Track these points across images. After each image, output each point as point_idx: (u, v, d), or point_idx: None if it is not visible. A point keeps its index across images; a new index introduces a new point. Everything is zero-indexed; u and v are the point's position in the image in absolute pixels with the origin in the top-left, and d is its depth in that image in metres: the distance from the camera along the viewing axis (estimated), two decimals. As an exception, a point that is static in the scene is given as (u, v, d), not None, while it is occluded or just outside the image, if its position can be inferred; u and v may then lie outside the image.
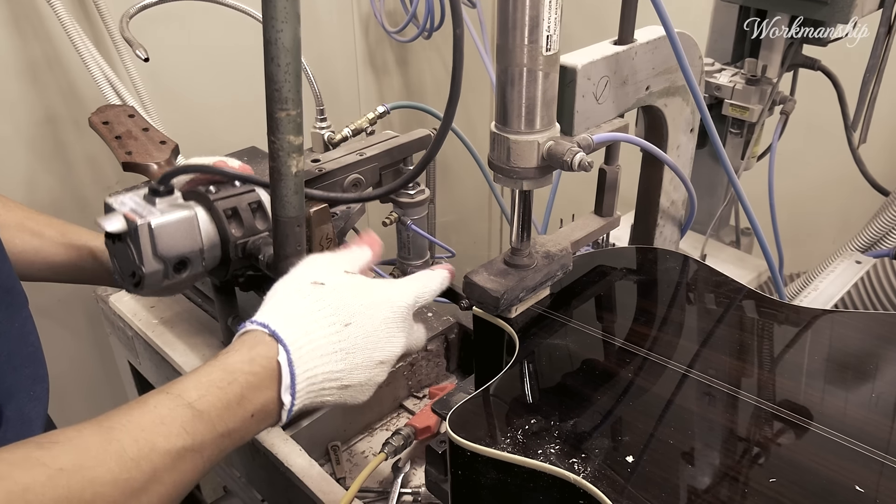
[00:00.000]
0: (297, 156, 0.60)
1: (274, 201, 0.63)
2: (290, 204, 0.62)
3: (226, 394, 0.50)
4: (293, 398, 0.53)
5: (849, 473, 0.51)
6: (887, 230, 1.12)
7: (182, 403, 0.48)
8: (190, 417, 0.48)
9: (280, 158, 0.60)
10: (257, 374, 0.52)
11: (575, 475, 0.52)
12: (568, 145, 0.60)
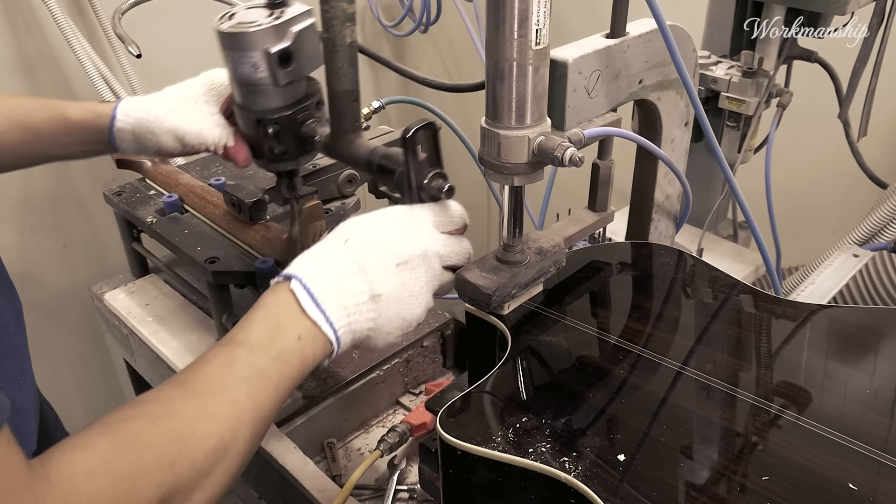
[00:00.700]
0: (350, 25, 0.58)
1: (329, 75, 0.61)
2: (345, 76, 0.60)
3: (265, 326, 0.55)
4: (324, 313, 0.56)
5: (842, 471, 0.51)
6: (885, 223, 1.12)
7: (235, 345, 0.54)
8: (246, 353, 0.54)
9: (334, 28, 0.58)
10: (284, 304, 0.57)
11: (566, 474, 0.51)
12: (559, 140, 0.59)
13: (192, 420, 0.49)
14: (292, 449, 0.82)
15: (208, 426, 0.49)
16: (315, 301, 0.56)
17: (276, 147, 0.71)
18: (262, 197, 0.96)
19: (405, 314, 0.61)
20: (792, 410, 0.57)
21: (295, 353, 0.55)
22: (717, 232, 1.28)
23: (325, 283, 0.57)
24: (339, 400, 0.91)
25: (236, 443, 0.50)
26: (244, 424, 0.51)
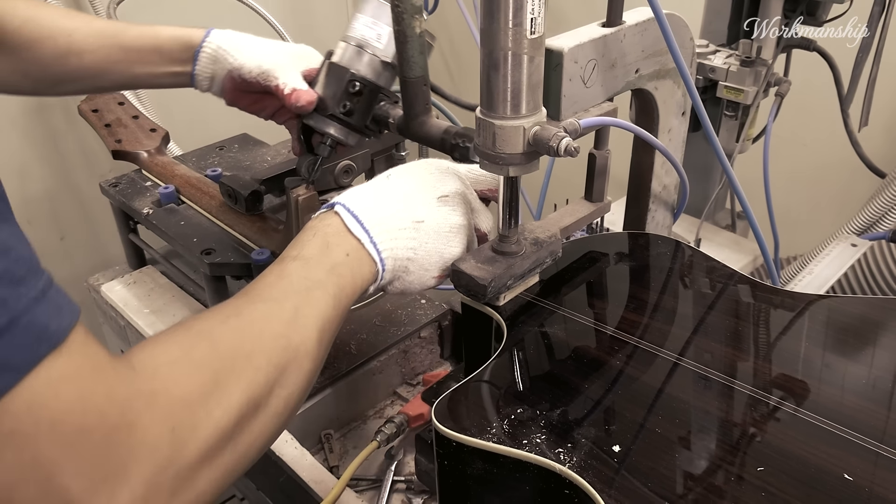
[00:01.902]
0: (419, 17, 0.63)
1: (401, 63, 0.66)
2: (416, 64, 0.65)
3: (315, 244, 0.58)
4: (368, 233, 0.59)
5: (838, 462, 0.51)
6: (884, 212, 1.11)
7: (289, 260, 0.56)
8: (301, 265, 0.56)
9: (405, 21, 0.63)
10: (331, 225, 0.60)
11: (561, 465, 0.51)
12: (554, 130, 0.59)
13: (260, 321, 0.50)
14: (289, 440, 0.82)
15: (276, 327, 0.50)
16: (360, 222, 0.60)
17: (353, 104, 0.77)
18: (259, 188, 0.96)
19: (443, 249, 0.64)
20: (789, 401, 0.57)
21: (346, 269, 0.58)
22: (715, 222, 1.28)
23: (369, 207, 0.61)
24: (337, 391, 0.91)
25: (304, 345, 0.51)
26: (309, 329, 0.52)
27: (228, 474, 0.44)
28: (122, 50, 0.79)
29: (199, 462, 0.41)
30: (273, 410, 0.48)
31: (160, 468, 0.38)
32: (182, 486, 0.39)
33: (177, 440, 0.39)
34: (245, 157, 1.22)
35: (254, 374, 0.46)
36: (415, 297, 1.03)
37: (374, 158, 0.96)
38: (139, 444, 0.38)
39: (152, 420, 0.39)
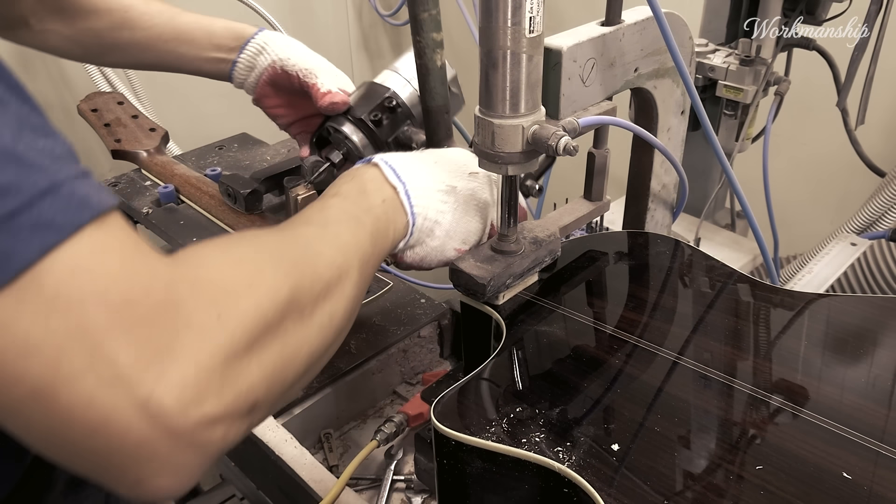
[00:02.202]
0: (440, 50, 0.67)
1: (423, 94, 0.70)
2: (438, 94, 0.70)
3: (353, 186, 0.61)
4: (405, 185, 0.61)
5: (837, 460, 0.51)
6: (883, 211, 1.11)
7: (328, 197, 0.59)
8: (339, 201, 0.58)
9: (426, 55, 0.67)
10: (368, 172, 0.62)
11: (560, 464, 0.51)
12: (553, 129, 0.59)
13: (305, 237, 0.52)
14: (289, 439, 0.82)
15: (321, 245, 0.51)
16: (397, 174, 0.62)
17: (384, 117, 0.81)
18: (258, 187, 0.96)
19: (469, 221, 0.66)
20: (788, 400, 0.57)
21: (382, 213, 0.60)
22: (714, 221, 1.28)
23: (406, 164, 0.63)
24: (336, 390, 0.91)
25: (348, 270, 0.51)
26: (350, 256, 0.53)
27: (277, 376, 0.42)
28: (174, 30, 0.82)
29: (246, 351, 0.39)
30: (318, 322, 0.47)
31: (209, 352, 0.37)
32: (232, 374, 0.38)
33: (224, 326, 0.38)
34: (244, 156, 1.22)
35: (298, 277, 0.46)
36: (414, 296, 1.03)
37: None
38: (186, 325, 0.37)
39: (197, 304, 0.38)
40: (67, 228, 0.34)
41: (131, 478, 0.36)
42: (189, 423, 0.36)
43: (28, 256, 0.32)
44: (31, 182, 0.33)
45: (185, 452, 0.36)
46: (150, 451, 0.35)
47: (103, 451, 0.35)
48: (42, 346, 0.33)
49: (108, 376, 0.34)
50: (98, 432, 0.34)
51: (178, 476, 0.37)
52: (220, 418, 0.37)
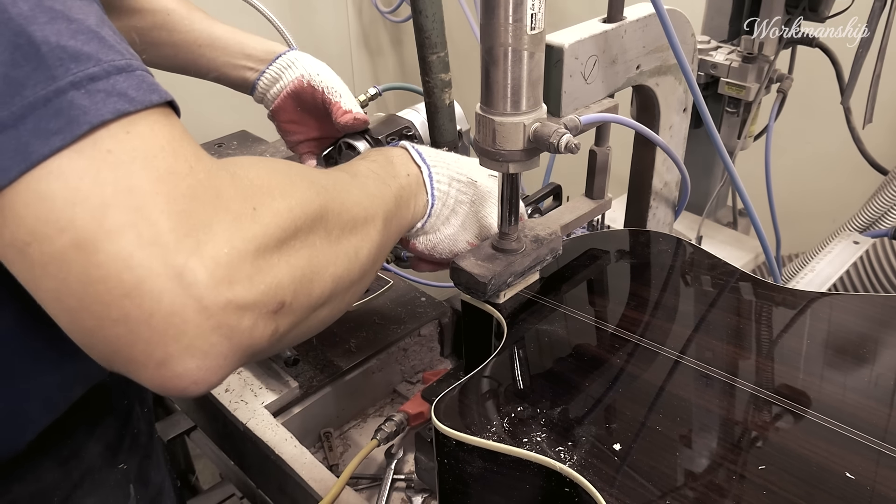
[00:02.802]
0: (448, 90, 0.70)
1: (433, 131, 0.73)
2: (447, 131, 0.73)
3: (381, 157, 0.63)
4: (430, 168, 0.64)
5: (840, 460, 0.51)
6: (886, 210, 1.11)
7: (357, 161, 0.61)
8: (368, 163, 0.61)
9: (435, 94, 0.70)
10: (397, 150, 0.65)
11: (561, 464, 0.51)
12: (554, 127, 0.58)
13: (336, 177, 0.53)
14: (289, 439, 0.82)
15: (350, 187, 0.53)
16: (423, 157, 0.65)
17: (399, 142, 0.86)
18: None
19: (484, 219, 0.68)
20: (790, 399, 0.56)
21: (406, 184, 0.62)
22: (716, 219, 1.27)
23: (432, 153, 0.66)
24: (336, 389, 0.91)
25: (375, 217, 0.54)
26: (377, 206, 0.55)
27: (304, 284, 0.43)
28: (209, 36, 0.86)
29: (277, 247, 0.41)
30: (344, 249, 0.48)
31: (243, 237, 0.39)
32: (264, 265, 0.40)
33: (258, 218, 0.40)
34: (244, 154, 1.22)
35: (329, 200, 0.48)
36: (415, 294, 1.02)
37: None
38: (224, 209, 0.39)
39: (235, 194, 0.40)
40: (139, 102, 0.37)
41: (158, 355, 0.37)
42: (220, 301, 0.37)
43: (102, 116, 0.36)
44: (110, 58, 0.37)
45: (214, 333, 0.37)
46: (181, 323, 0.36)
47: (134, 319, 0.36)
48: (90, 196, 0.35)
49: (147, 237, 0.36)
50: (131, 295, 0.35)
51: (205, 360, 0.37)
52: (249, 306, 0.38)
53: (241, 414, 0.84)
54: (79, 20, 0.37)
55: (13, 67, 0.35)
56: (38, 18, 0.36)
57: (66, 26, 0.36)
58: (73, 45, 0.36)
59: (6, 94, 0.35)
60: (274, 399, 0.86)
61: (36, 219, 0.35)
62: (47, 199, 0.35)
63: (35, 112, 0.35)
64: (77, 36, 0.36)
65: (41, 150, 0.35)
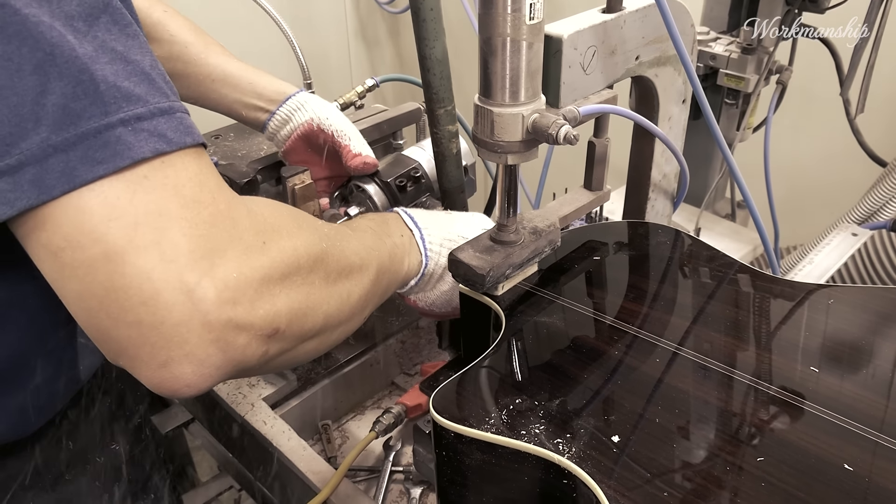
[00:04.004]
0: (455, 140, 0.74)
1: (441, 177, 0.77)
2: (454, 177, 0.77)
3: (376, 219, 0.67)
4: (421, 231, 0.68)
5: (839, 452, 0.51)
6: (885, 202, 1.11)
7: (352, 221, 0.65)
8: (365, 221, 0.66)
9: (443, 144, 0.74)
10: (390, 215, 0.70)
11: (560, 456, 0.51)
12: (553, 118, 0.58)
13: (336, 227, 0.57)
14: (287, 431, 0.82)
15: (348, 237, 0.57)
16: (414, 221, 0.69)
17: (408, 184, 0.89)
18: (255, 177, 0.95)
19: None
20: (788, 391, 0.56)
21: (400, 242, 0.66)
22: (714, 211, 1.27)
23: (425, 216, 0.70)
24: (334, 382, 0.91)
25: (369, 267, 0.58)
26: (372, 257, 0.59)
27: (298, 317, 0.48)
28: (223, 72, 0.88)
29: (279, 280, 0.46)
30: (338, 292, 0.53)
31: (251, 266, 0.44)
32: (265, 293, 0.45)
33: (267, 251, 0.45)
34: (241, 145, 1.21)
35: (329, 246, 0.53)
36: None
37: (372, 147, 0.96)
38: (238, 238, 0.44)
39: (249, 227, 0.45)
40: (175, 143, 0.42)
41: (161, 357, 0.41)
42: (222, 318, 0.42)
43: (143, 154, 0.40)
44: (157, 100, 0.42)
45: (212, 345, 0.42)
46: (185, 332, 0.41)
47: (146, 324, 0.40)
48: (125, 215, 0.40)
49: (169, 255, 0.40)
50: (147, 304, 0.40)
51: (200, 367, 0.42)
52: (247, 327, 0.43)
53: (240, 406, 0.84)
54: (135, 62, 0.42)
55: (74, 100, 0.39)
56: (100, 59, 0.40)
57: (122, 67, 0.41)
58: (127, 85, 0.41)
59: (63, 122, 0.39)
60: (272, 391, 0.86)
61: (73, 227, 0.39)
62: (86, 212, 0.39)
63: (86, 141, 0.39)
64: (131, 77, 0.41)
65: (85, 175, 0.39)
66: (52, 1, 0.39)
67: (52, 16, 0.39)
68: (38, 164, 0.38)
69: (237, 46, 1.20)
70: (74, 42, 0.39)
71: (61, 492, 0.60)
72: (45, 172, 0.39)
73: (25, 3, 0.38)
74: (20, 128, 0.38)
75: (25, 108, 0.38)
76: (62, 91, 0.39)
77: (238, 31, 1.74)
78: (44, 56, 0.38)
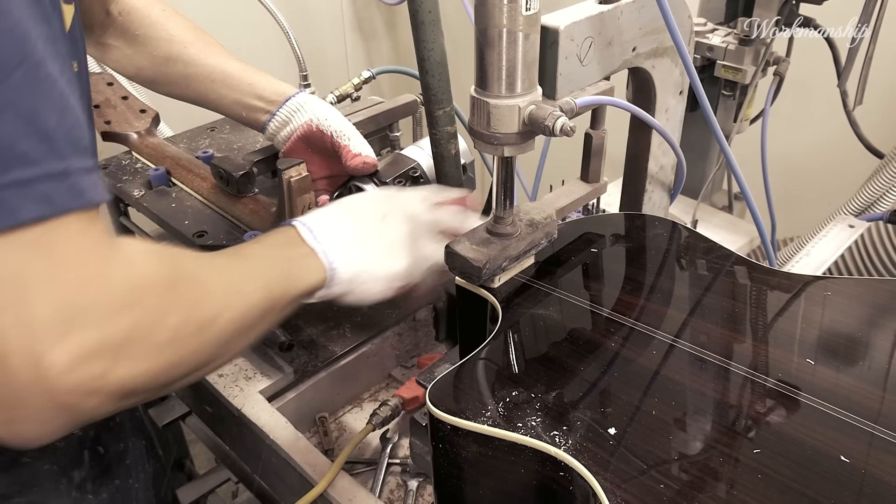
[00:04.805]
0: (454, 141, 0.75)
1: (440, 177, 0.78)
2: (452, 177, 0.77)
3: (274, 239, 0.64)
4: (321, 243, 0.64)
5: (834, 444, 0.51)
6: (881, 193, 1.11)
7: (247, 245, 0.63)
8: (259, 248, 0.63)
9: (442, 145, 0.74)
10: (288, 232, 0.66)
11: (556, 448, 0.51)
12: (550, 109, 0.58)
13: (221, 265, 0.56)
14: (283, 424, 0.82)
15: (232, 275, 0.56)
16: (313, 234, 0.65)
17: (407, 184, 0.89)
18: (251, 169, 0.95)
19: (389, 264, 0.68)
20: (785, 383, 0.56)
21: (298, 263, 0.63)
22: (711, 203, 1.27)
23: (322, 223, 0.66)
24: (331, 374, 0.91)
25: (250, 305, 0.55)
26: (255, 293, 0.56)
27: (159, 375, 0.47)
28: (223, 73, 0.88)
29: (143, 339, 0.45)
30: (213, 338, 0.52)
31: (113, 330, 0.43)
32: (125, 356, 0.44)
33: (131, 312, 0.44)
34: (237, 138, 1.21)
35: (200, 293, 0.51)
36: (409, 279, 1.02)
37: (369, 139, 0.95)
38: (103, 302, 0.43)
39: (117, 287, 0.44)
40: (60, 207, 0.42)
41: (4, 415, 0.42)
42: (68, 386, 0.41)
43: (26, 216, 0.40)
44: (52, 163, 0.42)
45: (54, 411, 0.42)
46: (28, 396, 0.41)
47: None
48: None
49: (26, 319, 0.40)
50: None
51: (43, 428, 0.43)
52: (98, 391, 0.43)
53: (236, 399, 0.84)
54: (39, 121, 0.41)
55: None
56: (3, 118, 0.40)
57: (24, 127, 0.41)
58: (24, 147, 0.41)
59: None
60: (268, 384, 0.86)
61: None
62: None
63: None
64: (30, 138, 0.41)
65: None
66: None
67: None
68: None
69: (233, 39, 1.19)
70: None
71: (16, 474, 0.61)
72: None
73: None
74: None
75: None
76: None
77: (234, 23, 1.74)
78: None
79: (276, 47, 1.71)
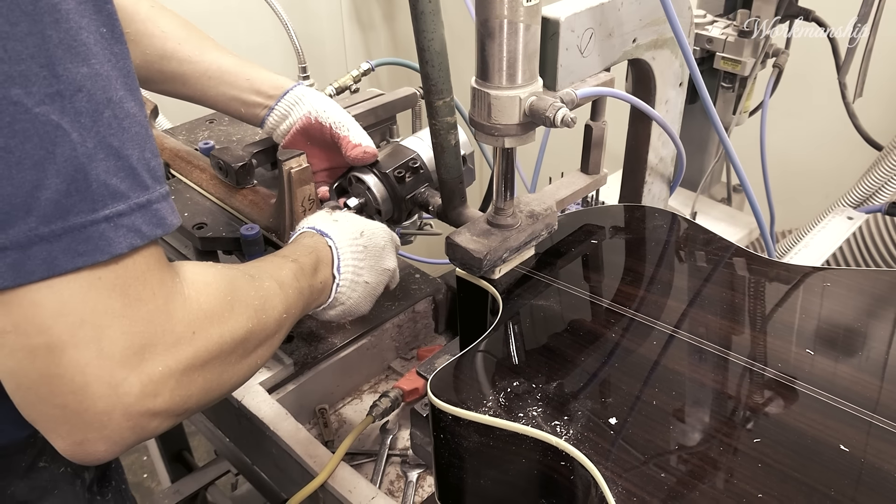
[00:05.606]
0: (454, 131, 0.74)
1: (439, 168, 0.77)
2: (452, 168, 0.76)
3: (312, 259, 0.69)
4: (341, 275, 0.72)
5: (834, 433, 0.51)
6: (880, 185, 1.11)
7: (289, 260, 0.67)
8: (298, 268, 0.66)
9: (442, 135, 0.73)
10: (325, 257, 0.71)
11: (557, 438, 0.51)
12: (550, 101, 0.58)
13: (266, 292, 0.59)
14: (284, 415, 0.82)
15: (275, 301, 0.60)
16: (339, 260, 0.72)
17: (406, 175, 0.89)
18: (250, 161, 0.94)
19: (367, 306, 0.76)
20: (784, 373, 0.57)
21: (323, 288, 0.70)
22: (711, 195, 1.27)
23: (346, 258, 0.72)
24: (331, 366, 0.91)
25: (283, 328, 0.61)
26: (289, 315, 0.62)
27: (211, 393, 0.52)
28: (219, 69, 0.87)
29: (201, 366, 0.49)
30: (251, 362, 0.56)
31: (177, 359, 0.47)
32: (186, 382, 0.48)
33: (194, 342, 0.49)
34: (236, 129, 1.20)
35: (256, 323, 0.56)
36: (409, 270, 1.02)
37: (368, 131, 0.95)
38: (170, 332, 0.47)
39: (181, 319, 0.48)
40: (147, 237, 0.45)
41: (78, 437, 0.45)
42: (141, 409, 0.46)
43: (120, 249, 0.44)
44: (137, 195, 0.45)
45: (127, 432, 0.46)
46: (105, 421, 0.45)
47: (72, 410, 0.44)
48: (73, 313, 0.43)
49: (106, 352, 0.44)
50: (76, 393, 0.44)
51: (112, 447, 0.46)
52: (162, 413, 0.47)
53: (236, 391, 0.84)
54: (126, 157, 0.44)
55: (66, 196, 0.42)
56: (97, 155, 0.43)
57: (114, 164, 0.44)
58: (115, 182, 0.44)
59: (53, 216, 0.41)
60: (269, 376, 0.86)
61: (23, 317, 0.42)
62: (39, 305, 0.42)
63: (71, 234, 0.42)
64: (119, 173, 0.44)
65: (66, 265, 0.42)
66: (64, 97, 0.41)
67: (61, 113, 0.41)
68: (22, 250, 0.41)
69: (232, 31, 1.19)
70: (77, 140, 0.42)
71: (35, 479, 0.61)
72: (26, 259, 0.41)
73: (38, 101, 0.40)
74: (10, 215, 0.41)
75: (19, 198, 0.41)
76: (56, 188, 0.41)
77: (233, 15, 1.73)
78: (45, 154, 0.41)
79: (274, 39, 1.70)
